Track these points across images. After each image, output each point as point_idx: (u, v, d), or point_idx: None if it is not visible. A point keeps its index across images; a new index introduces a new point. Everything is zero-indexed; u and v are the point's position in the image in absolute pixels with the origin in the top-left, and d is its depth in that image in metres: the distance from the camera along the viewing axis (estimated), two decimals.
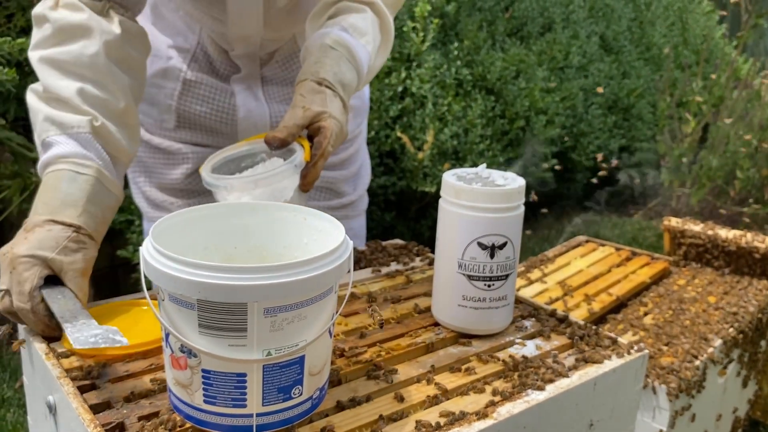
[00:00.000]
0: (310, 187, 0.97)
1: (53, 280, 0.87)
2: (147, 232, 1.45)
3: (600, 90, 3.13)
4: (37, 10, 0.98)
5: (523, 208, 0.92)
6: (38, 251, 0.85)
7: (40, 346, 0.84)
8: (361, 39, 1.07)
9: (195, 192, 1.32)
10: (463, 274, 0.91)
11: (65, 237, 0.87)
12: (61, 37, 0.97)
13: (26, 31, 2.20)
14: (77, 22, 0.97)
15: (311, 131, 0.98)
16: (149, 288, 0.79)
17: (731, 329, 1.55)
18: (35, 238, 0.86)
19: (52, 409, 0.79)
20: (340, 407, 0.76)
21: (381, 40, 1.13)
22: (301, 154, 0.95)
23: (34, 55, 0.98)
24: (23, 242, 0.86)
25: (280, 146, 0.94)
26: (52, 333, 0.86)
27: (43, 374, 0.82)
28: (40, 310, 0.83)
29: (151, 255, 0.67)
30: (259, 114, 1.27)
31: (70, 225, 0.88)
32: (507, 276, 0.92)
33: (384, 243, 1.26)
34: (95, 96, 0.97)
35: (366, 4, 1.10)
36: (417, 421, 0.73)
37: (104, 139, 0.97)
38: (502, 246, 0.90)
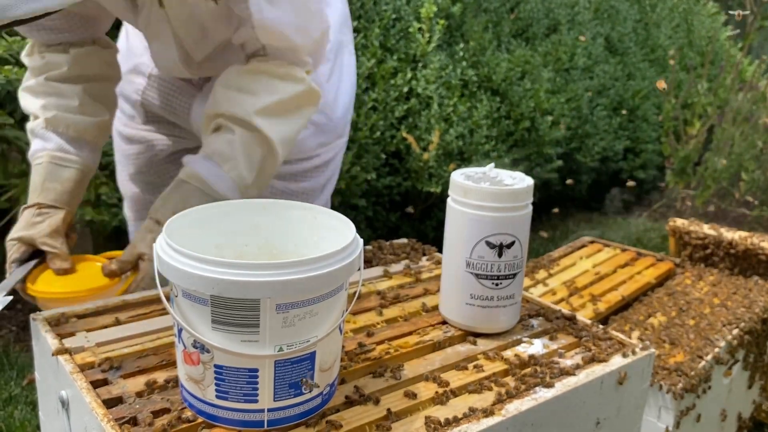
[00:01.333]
0: None
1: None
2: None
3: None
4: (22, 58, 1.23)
5: (531, 208, 0.93)
6: (14, 234, 1.09)
7: (53, 342, 0.85)
8: (224, 165, 1.07)
9: None
10: (471, 273, 0.92)
11: (30, 215, 1.10)
12: (31, 73, 1.21)
13: None
14: (35, 65, 1.20)
15: None
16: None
17: (736, 330, 1.55)
18: (16, 226, 1.09)
19: (64, 404, 0.80)
20: (349, 403, 0.76)
21: (261, 152, 1.10)
22: (115, 285, 1.06)
23: (20, 93, 1.22)
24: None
25: (110, 277, 1.06)
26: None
27: (55, 369, 0.83)
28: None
29: (165, 251, 0.68)
30: None
31: (32, 205, 1.11)
32: (515, 275, 0.93)
33: (390, 242, 1.27)
34: (52, 102, 1.17)
35: (238, 123, 1.09)
36: (426, 417, 0.74)
37: (58, 126, 1.16)
38: (510, 245, 0.91)
